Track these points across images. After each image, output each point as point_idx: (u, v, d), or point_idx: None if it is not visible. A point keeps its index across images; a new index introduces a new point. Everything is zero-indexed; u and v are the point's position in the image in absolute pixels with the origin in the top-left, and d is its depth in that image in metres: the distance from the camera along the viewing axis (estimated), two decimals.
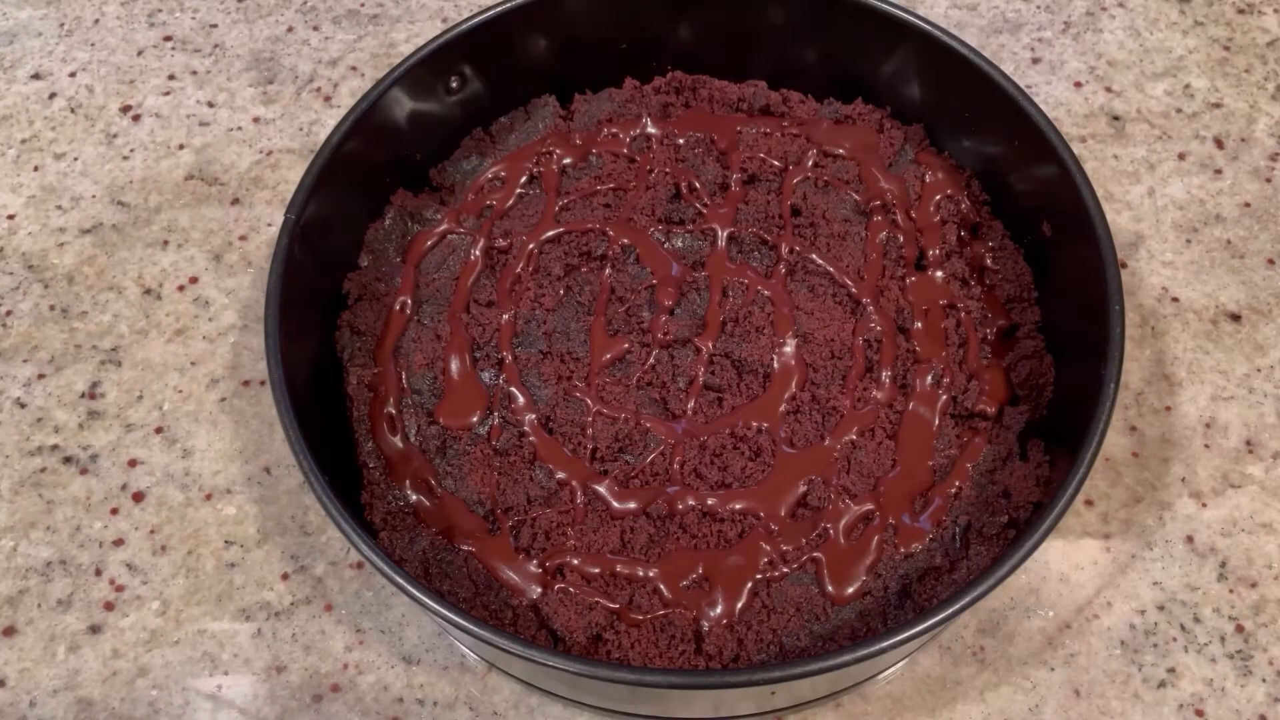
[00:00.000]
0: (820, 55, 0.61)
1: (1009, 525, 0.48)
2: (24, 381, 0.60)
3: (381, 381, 0.53)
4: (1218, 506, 0.55)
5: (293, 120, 0.69)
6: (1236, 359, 0.59)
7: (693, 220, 0.57)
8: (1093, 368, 0.47)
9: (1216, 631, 0.52)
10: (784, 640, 0.47)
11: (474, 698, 0.51)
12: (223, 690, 0.52)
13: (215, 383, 0.60)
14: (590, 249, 0.56)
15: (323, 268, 0.54)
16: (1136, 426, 0.57)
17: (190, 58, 0.72)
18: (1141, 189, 0.65)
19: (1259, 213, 0.64)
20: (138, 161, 0.68)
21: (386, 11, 0.74)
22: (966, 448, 0.51)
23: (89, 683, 0.52)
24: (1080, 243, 0.50)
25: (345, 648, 0.53)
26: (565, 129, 0.61)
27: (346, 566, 0.55)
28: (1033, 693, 0.51)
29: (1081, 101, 0.69)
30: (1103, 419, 0.45)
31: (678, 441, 0.50)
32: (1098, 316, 0.48)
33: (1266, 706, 0.51)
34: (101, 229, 0.65)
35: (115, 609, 0.54)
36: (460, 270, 0.56)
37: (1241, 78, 0.70)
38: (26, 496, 0.57)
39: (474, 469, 0.51)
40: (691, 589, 0.48)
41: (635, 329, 0.53)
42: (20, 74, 0.72)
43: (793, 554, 0.48)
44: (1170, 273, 0.62)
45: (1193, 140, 0.67)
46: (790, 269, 0.55)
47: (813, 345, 0.53)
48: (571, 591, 0.47)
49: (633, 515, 0.49)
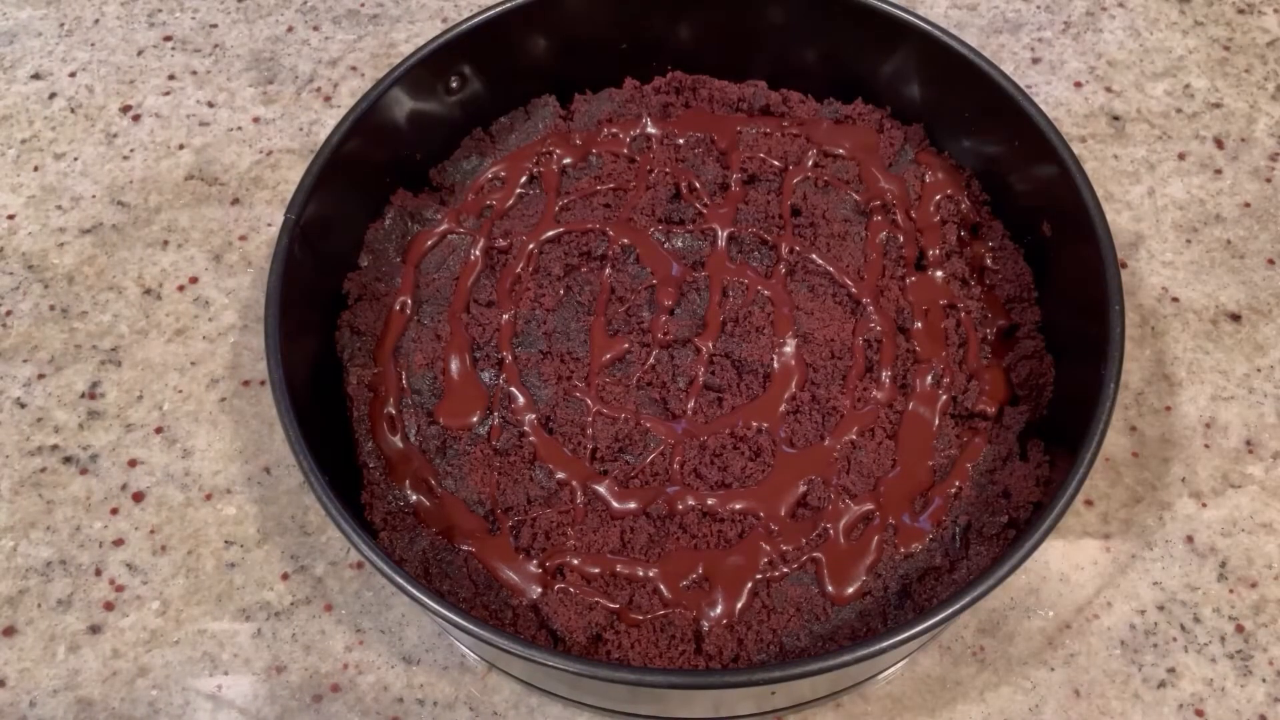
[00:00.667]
0: (820, 55, 0.61)
1: (1009, 525, 0.48)
2: (24, 381, 0.60)
3: (381, 381, 0.53)
4: (1218, 506, 0.55)
5: (293, 120, 0.69)
6: (1236, 359, 0.59)
7: (693, 220, 0.57)
8: (1093, 368, 0.47)
9: (1216, 631, 0.52)
10: (784, 640, 0.47)
11: (474, 698, 0.51)
12: (223, 690, 0.52)
13: (215, 383, 0.60)
14: (590, 249, 0.56)
15: (323, 268, 0.54)
16: (1136, 426, 0.57)
17: (190, 58, 0.72)
18: (1141, 189, 0.65)
19: (1259, 213, 0.64)
20: (138, 161, 0.68)
21: (386, 11, 0.74)
22: (966, 448, 0.51)
23: (89, 683, 0.52)
24: (1080, 243, 0.50)
25: (345, 648, 0.53)
26: (565, 129, 0.61)
27: (346, 566, 0.55)
28: (1033, 693, 0.51)
29: (1081, 101, 0.69)
30: (1103, 419, 0.45)
31: (678, 441, 0.50)
32: (1098, 316, 0.48)
33: (1266, 706, 0.51)
34: (101, 229, 0.65)
35: (115, 609, 0.54)
36: (460, 270, 0.56)
37: (1241, 78, 0.70)
38: (26, 496, 0.57)
39: (474, 469, 0.51)
40: (691, 589, 0.48)
41: (635, 329, 0.53)
42: (20, 74, 0.72)
43: (793, 554, 0.48)
44: (1170, 273, 0.62)
45: (1193, 140, 0.67)
46: (790, 269, 0.55)
47: (813, 345, 0.52)
48: (571, 591, 0.47)
49: (633, 515, 0.49)
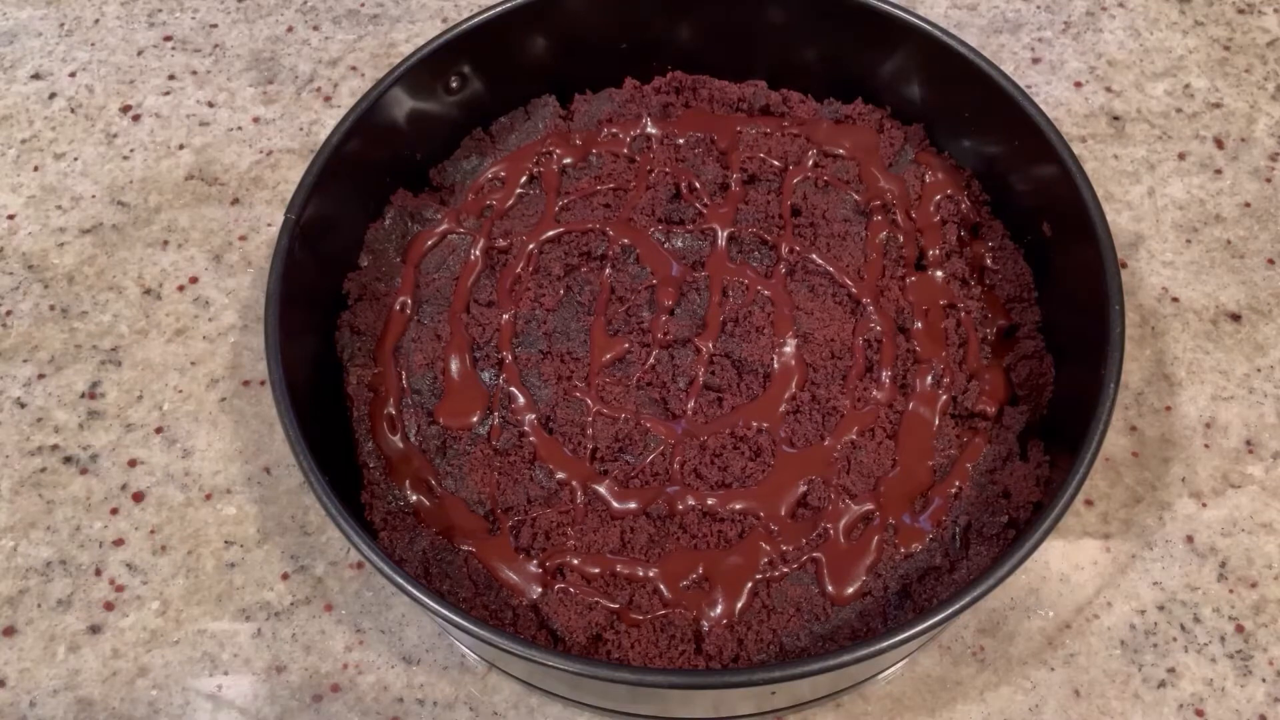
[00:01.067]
0: (820, 55, 0.60)
1: (1009, 525, 0.48)
2: (24, 381, 0.60)
3: (381, 381, 0.53)
4: (1218, 506, 0.55)
5: (293, 120, 0.69)
6: (1236, 359, 0.59)
7: (693, 220, 0.57)
8: (1093, 368, 0.47)
9: (1216, 631, 0.52)
10: (784, 640, 0.46)
11: (474, 698, 0.51)
12: (223, 690, 0.52)
13: (215, 383, 0.60)
14: (590, 249, 0.56)
15: (323, 268, 0.54)
16: (1136, 426, 0.57)
17: (190, 58, 0.72)
18: (1141, 189, 0.65)
19: (1259, 212, 0.64)
20: (138, 161, 0.68)
21: (386, 11, 0.74)
22: (966, 448, 0.51)
23: (89, 683, 0.52)
24: (1080, 243, 0.50)
25: (345, 648, 0.53)
26: (565, 129, 0.61)
27: (346, 566, 0.55)
28: (1033, 693, 0.51)
29: (1081, 101, 0.69)
30: (1103, 419, 0.45)
31: (678, 441, 0.50)
32: (1098, 316, 0.48)
33: (1266, 706, 0.51)
34: (101, 229, 0.65)
35: (115, 609, 0.54)
36: (460, 270, 0.56)
37: (1241, 78, 0.69)
38: (26, 496, 0.57)
39: (474, 469, 0.51)
40: (691, 589, 0.48)
41: (635, 329, 0.53)
42: (20, 74, 0.72)
43: (793, 554, 0.48)
44: (1170, 273, 0.62)
45: (1193, 140, 0.67)
46: (790, 269, 0.55)
47: (813, 345, 0.52)
48: (571, 591, 0.47)
49: (633, 515, 0.49)
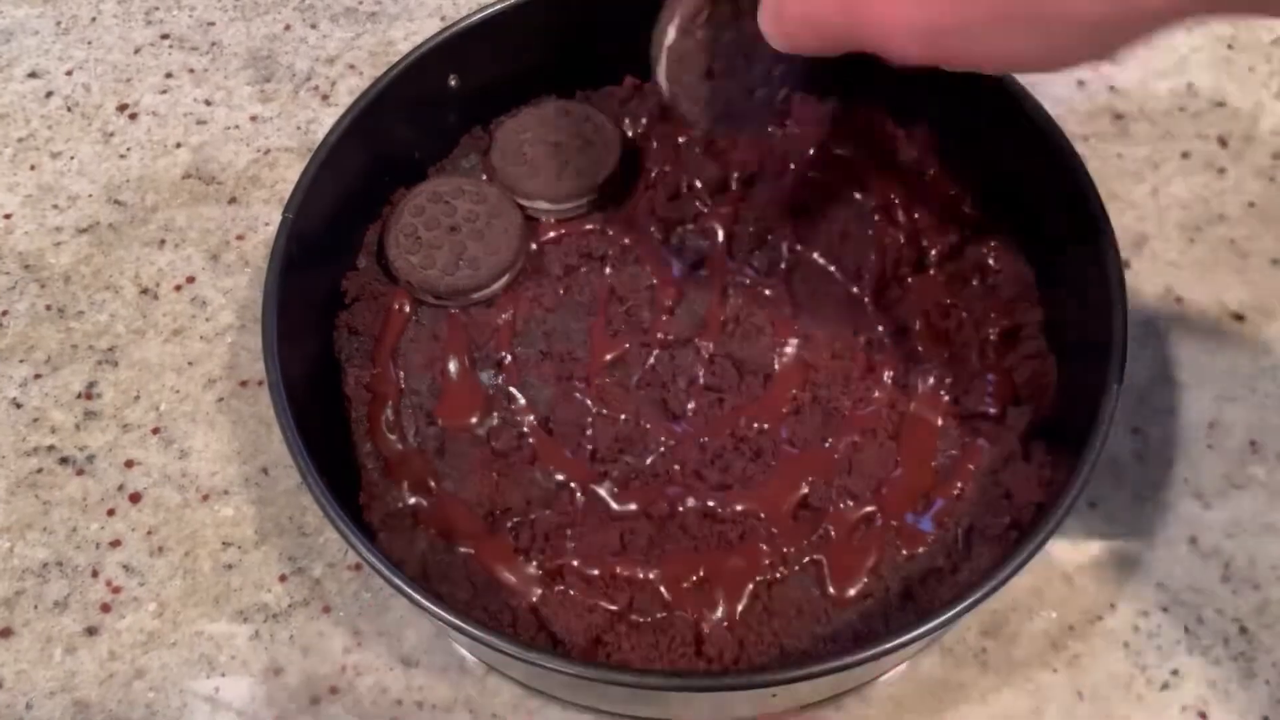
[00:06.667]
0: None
1: (1012, 526, 0.48)
2: (20, 382, 0.60)
3: (380, 382, 0.53)
4: (1221, 508, 0.55)
5: (290, 119, 0.69)
6: (1240, 359, 0.59)
7: (693, 220, 0.56)
8: (1096, 368, 0.46)
9: (1220, 633, 0.52)
10: (785, 642, 0.46)
11: (473, 700, 0.51)
12: (220, 692, 0.51)
13: (212, 383, 0.60)
14: (590, 249, 0.56)
15: (321, 267, 0.54)
16: (1140, 427, 0.57)
17: (187, 56, 0.72)
18: (1145, 188, 0.65)
19: (1263, 212, 0.64)
20: (135, 160, 0.67)
21: (385, 9, 0.73)
22: (969, 449, 0.51)
23: (86, 684, 0.52)
24: (1083, 242, 0.50)
25: (343, 650, 0.52)
26: None
27: (345, 568, 0.54)
28: (1035, 695, 0.51)
29: (1084, 100, 0.69)
30: (1106, 420, 0.44)
31: (678, 442, 0.50)
32: (1101, 316, 0.47)
33: (1270, 708, 0.50)
34: (98, 228, 0.65)
35: (112, 610, 0.54)
36: None
37: (1246, 76, 0.69)
38: (23, 497, 0.56)
39: (473, 470, 0.50)
40: (692, 591, 0.47)
41: (635, 329, 0.53)
42: (17, 72, 0.72)
43: (794, 555, 0.48)
44: (1174, 272, 0.62)
45: (1196, 139, 0.67)
46: (791, 268, 0.55)
47: (814, 345, 0.52)
48: (571, 594, 0.47)
49: (633, 517, 0.49)
